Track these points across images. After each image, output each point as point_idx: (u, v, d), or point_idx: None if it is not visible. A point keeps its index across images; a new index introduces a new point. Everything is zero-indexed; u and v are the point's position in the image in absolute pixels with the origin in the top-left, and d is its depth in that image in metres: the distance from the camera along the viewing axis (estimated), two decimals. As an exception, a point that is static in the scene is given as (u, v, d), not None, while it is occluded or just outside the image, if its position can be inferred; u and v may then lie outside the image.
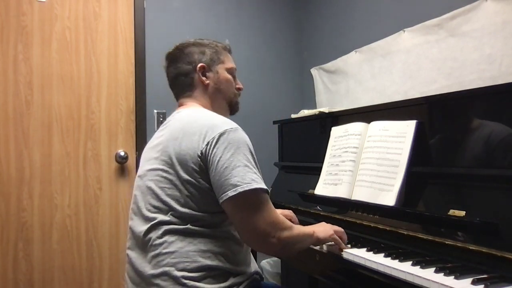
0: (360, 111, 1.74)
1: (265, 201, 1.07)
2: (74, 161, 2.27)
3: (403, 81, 1.97)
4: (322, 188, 1.68)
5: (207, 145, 1.07)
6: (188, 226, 1.09)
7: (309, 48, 2.82)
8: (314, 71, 2.70)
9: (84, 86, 2.30)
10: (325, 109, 2.03)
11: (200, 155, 1.08)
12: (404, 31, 1.97)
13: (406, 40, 1.95)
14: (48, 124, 2.23)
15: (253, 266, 1.21)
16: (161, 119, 2.45)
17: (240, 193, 1.03)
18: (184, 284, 1.04)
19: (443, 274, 0.97)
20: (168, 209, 1.10)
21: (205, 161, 1.08)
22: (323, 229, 1.22)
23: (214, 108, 1.28)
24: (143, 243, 1.12)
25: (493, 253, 1.00)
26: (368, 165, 1.48)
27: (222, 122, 1.12)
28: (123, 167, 2.37)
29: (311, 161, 1.89)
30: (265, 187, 1.07)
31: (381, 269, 1.10)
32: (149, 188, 1.15)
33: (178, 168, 1.10)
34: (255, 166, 1.09)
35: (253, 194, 1.05)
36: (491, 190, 1.15)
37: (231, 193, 1.03)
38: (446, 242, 1.12)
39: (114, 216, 2.35)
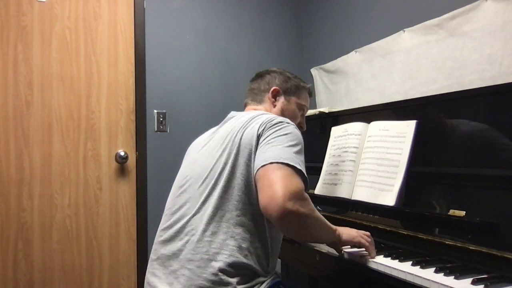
0: (360, 111, 1.74)
1: (294, 176, 1.03)
2: (74, 161, 2.27)
3: (403, 81, 1.97)
4: (322, 188, 1.68)
5: (264, 128, 1.13)
6: (233, 215, 1.09)
7: (309, 48, 2.82)
8: (314, 71, 2.70)
9: (84, 86, 2.30)
10: (325, 109, 2.03)
11: (257, 136, 1.13)
12: (404, 31, 1.97)
13: (406, 40, 1.95)
14: (48, 124, 2.23)
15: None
16: (161, 119, 2.45)
17: (270, 163, 1.04)
18: (216, 275, 1.05)
19: (443, 274, 0.97)
20: (217, 196, 1.11)
21: (258, 141, 1.12)
22: (347, 231, 1.19)
23: None
24: (184, 225, 1.14)
25: (493, 253, 1.00)
26: (368, 165, 1.48)
27: (284, 118, 1.20)
28: (123, 167, 2.37)
29: (311, 161, 1.88)
30: (299, 167, 1.04)
31: (381, 269, 1.10)
32: (200, 174, 1.17)
33: (237, 151, 1.13)
34: (298, 153, 1.08)
35: (283, 166, 1.03)
36: (491, 190, 1.15)
37: (261, 162, 1.05)
38: (446, 242, 1.12)
39: (114, 216, 2.35)
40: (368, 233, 1.22)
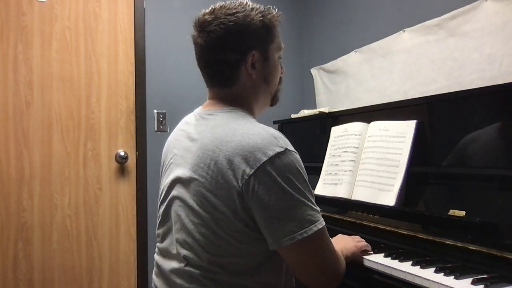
0: (360, 111, 1.74)
1: (324, 240, 0.93)
2: (74, 161, 2.27)
3: (403, 81, 1.97)
4: (322, 188, 1.68)
5: (247, 181, 0.87)
6: (225, 272, 0.92)
7: (309, 48, 2.82)
8: (314, 71, 2.70)
9: (84, 86, 2.30)
10: (325, 109, 2.03)
11: (238, 192, 0.88)
12: (404, 31, 1.97)
13: (406, 40, 1.95)
14: (48, 124, 2.23)
15: None
16: (161, 119, 2.45)
17: (298, 240, 0.87)
18: None
19: (443, 274, 0.97)
20: (200, 252, 0.92)
21: (246, 200, 0.88)
22: (344, 245, 1.15)
23: (257, 104, 1.07)
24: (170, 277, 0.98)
25: (493, 253, 0.99)
26: (368, 165, 1.48)
27: (264, 144, 0.88)
28: (123, 167, 2.37)
29: (311, 161, 1.89)
30: (322, 221, 0.91)
31: (381, 269, 1.10)
32: (178, 217, 0.97)
33: (211, 207, 0.91)
34: (309, 196, 0.91)
35: (313, 238, 0.89)
36: (491, 190, 1.15)
37: (287, 241, 0.87)
38: (446, 242, 1.12)
39: (114, 216, 2.35)
40: (359, 238, 1.23)
